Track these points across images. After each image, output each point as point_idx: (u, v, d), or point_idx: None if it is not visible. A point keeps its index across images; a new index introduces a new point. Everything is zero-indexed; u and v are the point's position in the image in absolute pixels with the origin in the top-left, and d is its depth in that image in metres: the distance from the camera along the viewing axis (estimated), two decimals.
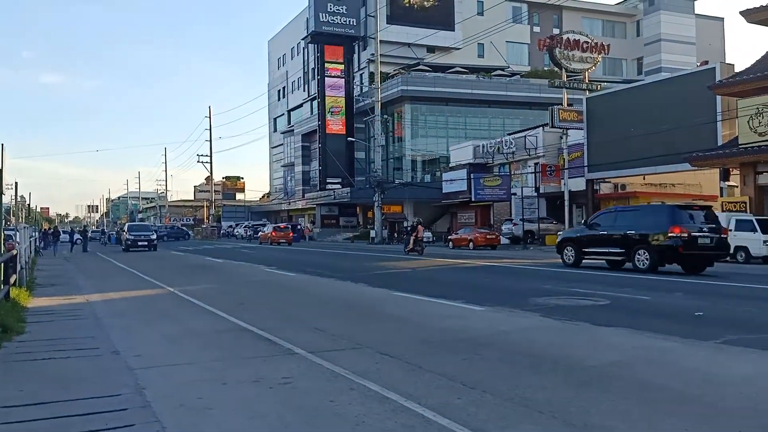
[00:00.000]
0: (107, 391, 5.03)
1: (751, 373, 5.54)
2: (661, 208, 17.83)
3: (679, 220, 15.89)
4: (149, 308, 10.45)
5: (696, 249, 15.72)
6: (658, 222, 16.18)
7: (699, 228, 15.88)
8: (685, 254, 15.66)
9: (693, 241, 15.55)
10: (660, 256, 15.88)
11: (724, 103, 26.10)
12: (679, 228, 15.51)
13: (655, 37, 62.32)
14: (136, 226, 39.73)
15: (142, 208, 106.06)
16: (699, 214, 16.59)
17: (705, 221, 16.31)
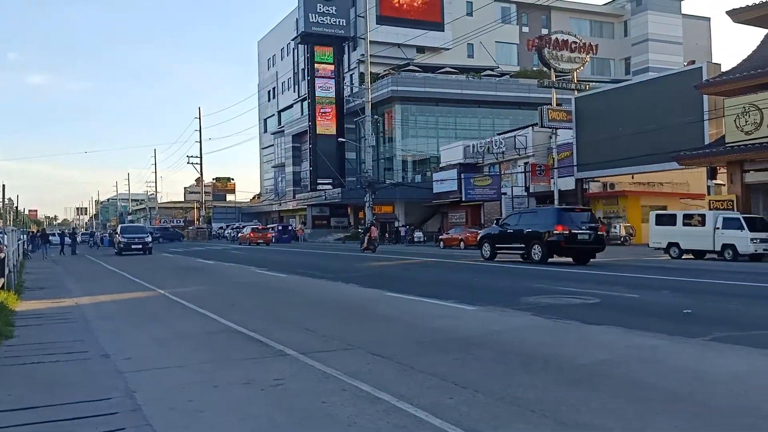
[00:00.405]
0: (97, 394, 4.99)
1: (741, 370, 5.59)
2: (549, 211, 21.45)
3: (563, 220, 19.12)
4: (139, 311, 10.39)
5: (576, 243, 18.93)
6: (547, 222, 19.39)
7: (579, 226, 19.05)
8: (567, 248, 18.99)
9: (573, 237, 18.78)
10: (548, 249, 19.02)
11: (710, 102, 26.34)
12: (561, 226, 18.80)
13: (643, 37, 62.77)
14: (129, 228, 36.08)
15: (131, 210, 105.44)
16: (581, 215, 20.14)
17: (586, 221, 19.61)
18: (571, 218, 19.46)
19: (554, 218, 19.45)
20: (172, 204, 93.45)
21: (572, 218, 19.49)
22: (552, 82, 35.40)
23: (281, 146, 71.03)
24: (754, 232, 21.16)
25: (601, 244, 19.84)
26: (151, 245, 32.39)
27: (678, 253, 23.08)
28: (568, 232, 18.72)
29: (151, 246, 32.31)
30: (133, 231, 34.15)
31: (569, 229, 18.80)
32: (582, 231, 19.04)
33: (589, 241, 19.14)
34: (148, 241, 31.98)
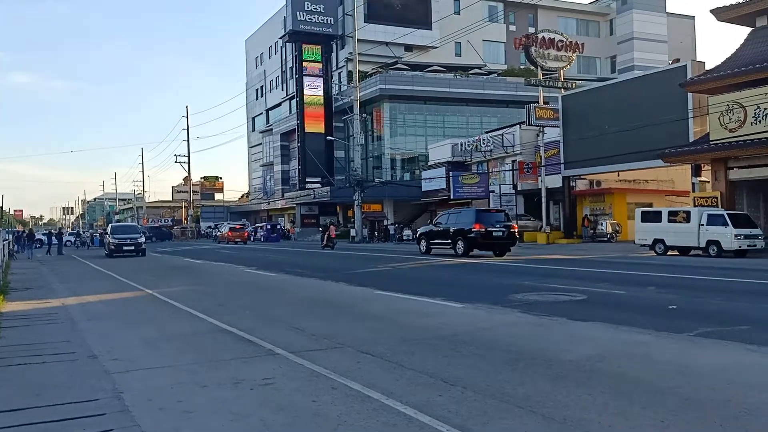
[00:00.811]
0: (84, 396, 4.97)
1: (725, 364, 5.67)
2: (470, 211, 24.25)
3: (480, 219, 22.16)
4: (127, 311, 10.33)
5: (491, 239, 22.15)
6: (468, 221, 22.44)
7: (494, 225, 22.24)
8: (483, 243, 22.17)
9: (489, 234, 21.96)
10: (469, 244, 22.17)
11: (695, 100, 26.59)
12: (479, 225, 21.90)
13: (628, 35, 63.23)
14: (120, 228, 32.38)
15: (118, 210, 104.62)
16: (497, 215, 23.40)
17: (501, 220, 22.82)
18: (488, 218, 22.63)
19: (473, 218, 22.42)
20: (160, 203, 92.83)
21: (488, 218, 22.66)
22: (539, 81, 35.56)
23: (269, 145, 70.80)
24: (738, 228, 21.41)
25: (512, 239, 23.04)
26: (145, 246, 29.84)
27: (663, 249, 23.30)
28: (484, 230, 21.90)
29: (145, 247, 29.73)
30: (125, 231, 30.86)
31: (485, 227, 21.95)
32: (497, 229, 22.18)
33: (502, 237, 22.28)
34: (141, 242, 29.31)
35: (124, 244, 28.73)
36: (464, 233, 22.30)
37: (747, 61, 24.19)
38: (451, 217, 23.95)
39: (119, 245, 28.57)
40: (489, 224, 22.17)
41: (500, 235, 22.15)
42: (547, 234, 34.07)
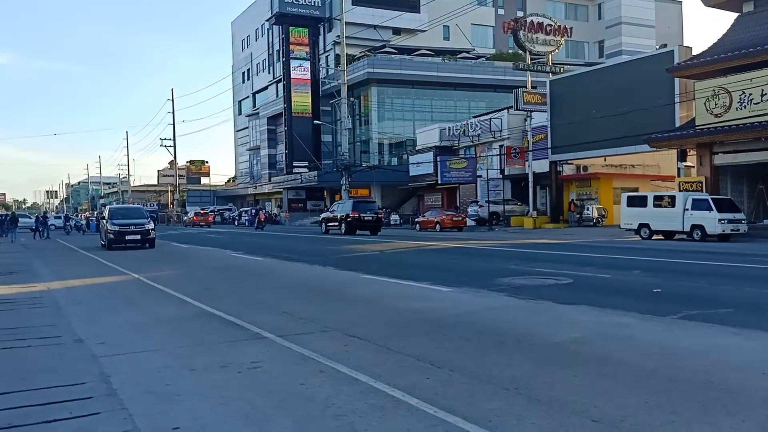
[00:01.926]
0: (71, 379, 4.95)
1: (708, 346, 5.76)
2: (349, 202, 31.87)
3: (356, 208, 30.16)
4: (113, 295, 10.27)
5: (363, 222, 29.98)
6: (348, 209, 30.38)
7: (366, 212, 30.05)
8: (357, 225, 29.81)
9: (361, 218, 29.79)
10: (347, 226, 29.81)
11: (681, 85, 26.71)
12: (354, 212, 29.83)
13: (616, 20, 63.24)
14: (121, 211, 24.83)
15: (103, 194, 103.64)
16: (369, 205, 31.42)
17: (371, 209, 30.72)
18: (362, 207, 30.41)
19: (351, 207, 30.37)
20: (146, 187, 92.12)
21: (362, 207, 30.47)
22: (527, 65, 35.53)
23: (256, 129, 70.31)
24: (722, 213, 21.67)
25: (380, 223, 31.08)
26: (154, 235, 23.00)
27: (648, 233, 23.54)
28: (357, 215, 29.71)
29: (154, 236, 22.91)
30: (128, 214, 23.82)
31: (359, 213, 29.79)
32: (367, 215, 29.93)
33: (371, 221, 30.20)
34: (149, 229, 22.51)
35: (127, 231, 21.94)
36: (344, 218, 29.97)
37: (733, 47, 24.32)
38: (338, 206, 32.20)
39: (120, 234, 21.81)
40: (362, 212, 30.01)
41: (370, 220, 30.08)
42: (534, 218, 34.27)
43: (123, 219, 22.63)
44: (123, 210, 25.33)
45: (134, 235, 22.08)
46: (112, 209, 24.50)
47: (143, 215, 24.03)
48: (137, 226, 22.22)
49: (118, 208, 26.46)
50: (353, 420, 3.90)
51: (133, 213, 24.36)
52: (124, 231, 21.89)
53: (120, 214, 23.39)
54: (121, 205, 41.09)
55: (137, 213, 24.53)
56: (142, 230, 22.23)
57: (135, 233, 22.09)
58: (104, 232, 23.08)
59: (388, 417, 3.95)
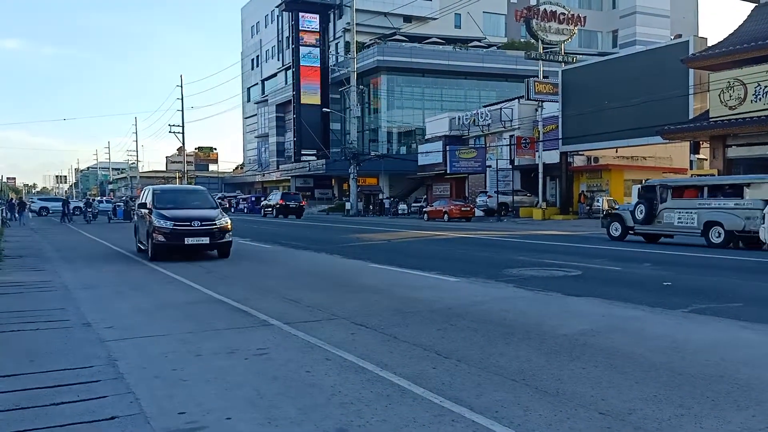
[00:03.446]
0: (78, 363, 4.97)
1: (718, 340, 5.70)
2: (279, 193, 43.79)
3: (283, 197, 41.30)
4: (121, 280, 10.31)
5: (288, 210, 40.06)
6: (277, 198, 41.55)
7: (291, 201, 40.89)
8: (284, 210, 40.08)
9: (287, 206, 40.27)
10: (276, 211, 40.46)
11: (696, 76, 26.39)
12: (282, 200, 40.64)
13: (630, 9, 62.48)
14: (174, 195, 15.29)
15: (112, 179, 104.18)
16: (294, 196, 42.43)
17: (295, 199, 41.63)
18: (287, 197, 41.69)
19: (279, 197, 41.82)
20: (154, 173, 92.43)
21: (288, 197, 41.70)
22: (539, 54, 35.22)
23: (265, 116, 70.26)
24: None
25: (301, 210, 40.96)
26: (231, 236, 14.02)
27: None
28: (284, 203, 40.49)
29: (230, 239, 13.96)
30: (185, 201, 14.73)
31: (285, 202, 40.62)
32: (291, 203, 40.65)
33: (294, 207, 40.40)
34: (222, 227, 13.56)
35: (188, 230, 13.14)
36: (275, 205, 40.94)
37: (749, 38, 23.96)
38: (273, 196, 43.83)
39: (176, 234, 13.06)
40: (288, 200, 40.69)
41: (294, 207, 40.32)
42: (543, 210, 34.11)
43: (178, 208, 13.71)
44: (176, 193, 15.54)
45: (199, 237, 13.10)
46: (159, 192, 14.81)
47: (209, 202, 14.70)
48: (204, 222, 13.17)
49: (168, 189, 16.17)
50: (359, 408, 3.88)
51: (192, 198, 14.85)
52: (182, 229, 12.97)
53: (172, 200, 14.27)
54: (172, 185, 27.09)
55: (199, 198, 14.86)
56: (211, 228, 13.20)
57: (200, 233, 13.10)
58: (146, 228, 13.78)
59: (394, 406, 3.93)
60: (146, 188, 15.58)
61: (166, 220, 12.90)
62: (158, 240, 12.87)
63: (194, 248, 13.24)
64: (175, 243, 12.88)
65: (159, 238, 12.84)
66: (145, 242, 13.80)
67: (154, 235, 12.93)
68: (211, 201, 14.81)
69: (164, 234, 12.80)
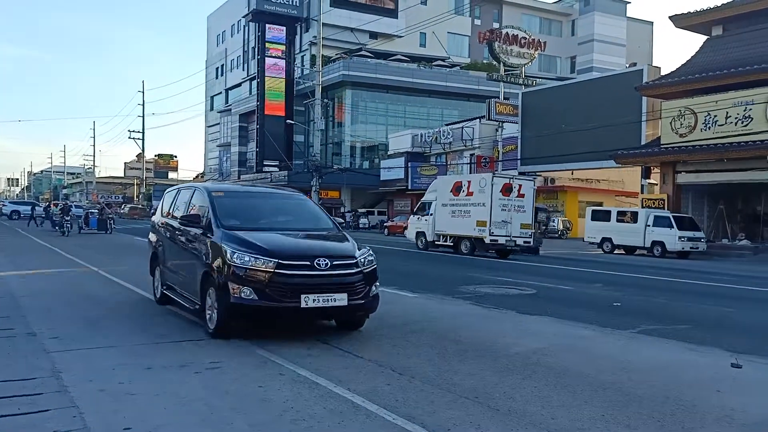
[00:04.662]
0: (20, 374, 4.78)
1: (665, 362, 5.87)
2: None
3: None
4: (71, 288, 9.98)
5: None
6: None
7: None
8: None
9: None
10: None
11: (649, 104, 27.37)
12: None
13: (589, 37, 64.45)
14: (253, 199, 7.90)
15: (67, 184, 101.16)
16: None
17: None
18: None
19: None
20: (111, 179, 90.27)
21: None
22: (501, 76, 35.96)
23: (228, 125, 69.50)
24: (683, 230, 22.24)
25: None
26: (376, 289, 6.66)
27: (610, 247, 24.00)
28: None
29: (378, 292, 6.70)
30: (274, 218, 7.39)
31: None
32: None
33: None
34: (367, 269, 6.48)
35: (308, 281, 6.04)
36: None
37: (701, 69, 25.00)
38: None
39: (284, 285, 5.95)
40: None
41: None
42: None
43: (267, 230, 6.82)
44: (256, 199, 8.10)
45: (329, 292, 6.11)
46: (222, 195, 7.48)
47: (320, 218, 7.75)
48: (336, 262, 6.28)
49: (240, 192, 8.66)
50: (311, 425, 3.85)
51: (287, 211, 7.83)
52: (296, 275, 6.06)
53: (251, 212, 7.35)
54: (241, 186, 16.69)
55: (299, 211, 7.88)
56: (349, 274, 6.31)
57: (330, 285, 6.14)
58: (193, 264, 7.02)
59: (347, 423, 3.91)
60: (180, 189, 8.55)
61: (257, 254, 6.06)
62: (240, 296, 6.00)
63: (313, 316, 6.36)
64: (278, 305, 5.96)
65: (241, 293, 6.00)
66: (192, 292, 6.94)
67: (227, 284, 6.07)
68: (325, 217, 7.74)
69: (255, 283, 5.99)
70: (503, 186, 19.15)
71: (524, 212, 19.42)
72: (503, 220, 18.83)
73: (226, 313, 6.12)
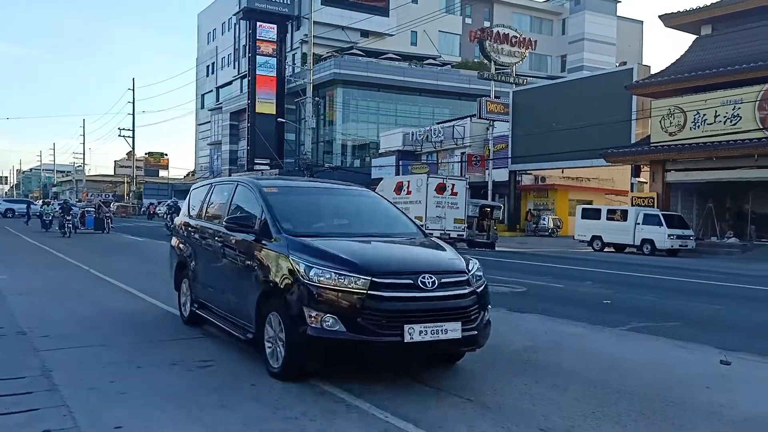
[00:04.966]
0: (9, 373, 4.75)
1: (654, 359, 5.92)
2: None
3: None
4: (61, 287, 9.92)
5: None
6: None
7: None
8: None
9: None
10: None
11: (639, 102, 27.52)
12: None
13: (579, 36, 64.72)
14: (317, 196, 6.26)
15: (56, 182, 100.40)
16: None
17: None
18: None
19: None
20: (101, 177, 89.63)
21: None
22: (492, 75, 36.03)
23: (218, 123, 69.24)
24: (672, 228, 22.39)
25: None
26: None
27: (600, 245, 24.13)
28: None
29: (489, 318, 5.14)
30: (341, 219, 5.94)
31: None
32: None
33: None
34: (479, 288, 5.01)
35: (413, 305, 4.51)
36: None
37: (690, 68, 25.17)
38: None
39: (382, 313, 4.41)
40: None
41: None
42: None
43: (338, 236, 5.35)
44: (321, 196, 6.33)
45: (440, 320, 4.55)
46: (278, 192, 5.86)
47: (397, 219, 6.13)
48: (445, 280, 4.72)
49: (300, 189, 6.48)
50: (304, 423, 3.85)
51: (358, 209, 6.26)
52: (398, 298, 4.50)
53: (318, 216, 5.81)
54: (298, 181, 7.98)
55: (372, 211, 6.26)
56: (463, 296, 4.78)
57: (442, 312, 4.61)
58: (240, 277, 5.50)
59: (339, 420, 3.91)
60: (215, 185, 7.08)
61: (343, 269, 4.58)
62: (321, 327, 4.47)
63: (417, 353, 4.99)
64: (373, 339, 4.43)
65: (323, 322, 4.47)
66: (243, 317, 5.43)
67: (302, 310, 4.54)
68: (405, 218, 6.23)
69: (342, 310, 4.48)
70: (437, 185, 21.52)
71: (457, 209, 21.76)
72: (437, 216, 21.02)
73: (300, 350, 4.55)
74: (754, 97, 22.11)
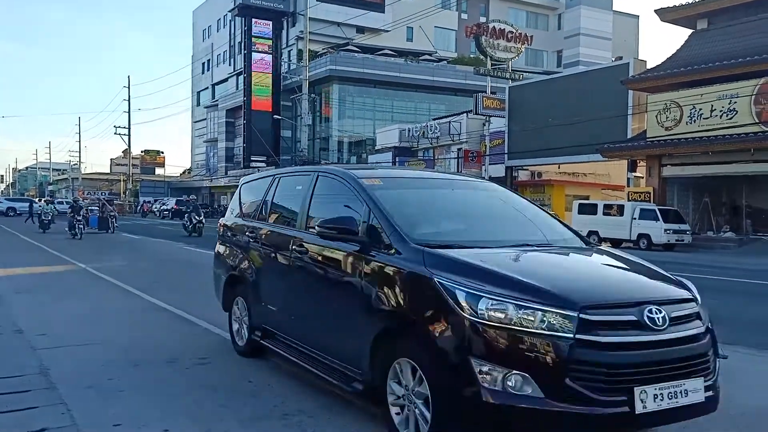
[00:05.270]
0: (7, 371, 4.75)
1: None
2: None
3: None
4: (58, 285, 9.92)
5: None
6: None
7: None
8: None
9: None
10: None
11: (635, 97, 27.53)
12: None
13: (575, 31, 64.72)
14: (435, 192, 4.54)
15: (52, 180, 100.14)
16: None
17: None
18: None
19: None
20: (97, 175, 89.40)
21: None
22: (488, 70, 36.00)
23: (214, 121, 69.10)
24: (668, 223, 22.46)
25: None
26: None
27: (597, 240, 24.18)
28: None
29: None
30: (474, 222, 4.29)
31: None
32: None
33: None
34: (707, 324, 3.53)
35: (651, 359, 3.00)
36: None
37: (686, 62, 25.20)
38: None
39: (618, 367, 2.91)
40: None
41: None
42: None
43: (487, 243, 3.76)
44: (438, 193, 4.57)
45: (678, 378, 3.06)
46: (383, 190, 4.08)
47: (545, 222, 4.50)
48: (666, 306, 3.23)
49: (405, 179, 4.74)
50: (301, 420, 3.86)
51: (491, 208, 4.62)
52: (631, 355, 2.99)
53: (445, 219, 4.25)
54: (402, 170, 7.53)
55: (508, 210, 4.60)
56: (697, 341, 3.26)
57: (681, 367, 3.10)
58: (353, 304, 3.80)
59: (337, 416, 3.93)
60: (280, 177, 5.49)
61: (533, 300, 3.00)
62: (504, 389, 2.91)
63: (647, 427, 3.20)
64: (589, 411, 2.86)
65: (506, 382, 2.91)
66: (344, 358, 4.00)
67: (468, 363, 2.97)
68: (554, 221, 4.68)
69: (535, 363, 2.90)
70: None
71: None
72: None
73: (462, 422, 3.06)
74: (750, 92, 22.16)
